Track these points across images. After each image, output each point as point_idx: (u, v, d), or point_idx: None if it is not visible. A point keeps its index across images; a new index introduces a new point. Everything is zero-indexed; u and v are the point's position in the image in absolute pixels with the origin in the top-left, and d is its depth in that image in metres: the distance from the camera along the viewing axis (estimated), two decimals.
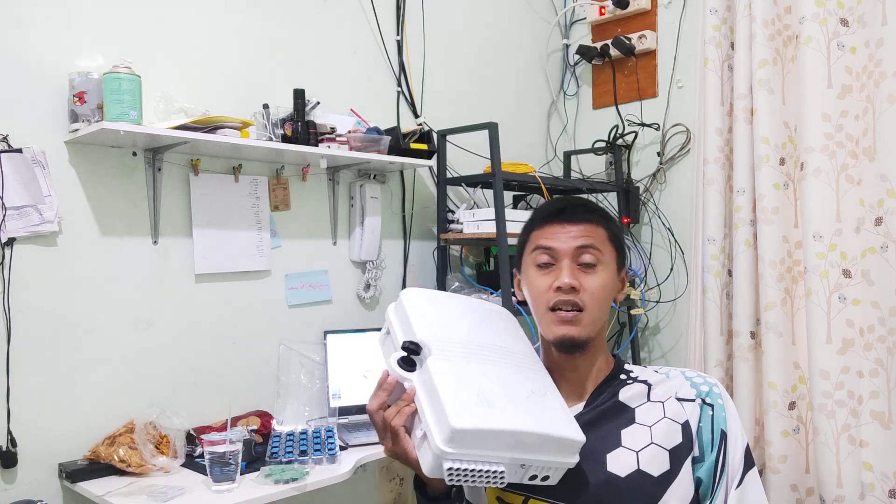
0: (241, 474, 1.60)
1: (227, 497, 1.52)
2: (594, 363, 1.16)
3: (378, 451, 1.83)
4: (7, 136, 1.62)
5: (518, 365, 1.08)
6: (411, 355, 1.01)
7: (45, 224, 1.67)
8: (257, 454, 1.76)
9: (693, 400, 1.12)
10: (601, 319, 1.14)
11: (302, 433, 1.84)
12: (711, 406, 1.11)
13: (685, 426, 1.09)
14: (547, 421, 0.98)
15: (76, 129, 1.66)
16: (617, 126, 2.80)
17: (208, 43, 1.96)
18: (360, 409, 2.06)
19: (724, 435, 1.10)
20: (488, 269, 2.60)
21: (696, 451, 1.09)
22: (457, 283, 2.40)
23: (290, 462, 1.70)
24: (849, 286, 2.05)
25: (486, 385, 0.98)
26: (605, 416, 1.12)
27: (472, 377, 0.99)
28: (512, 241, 2.25)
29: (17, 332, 1.63)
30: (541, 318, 1.14)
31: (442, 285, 2.41)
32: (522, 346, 1.15)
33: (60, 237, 1.70)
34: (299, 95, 1.98)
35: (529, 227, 1.19)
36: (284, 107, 2.00)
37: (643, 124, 2.78)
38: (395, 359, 1.02)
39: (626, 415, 1.12)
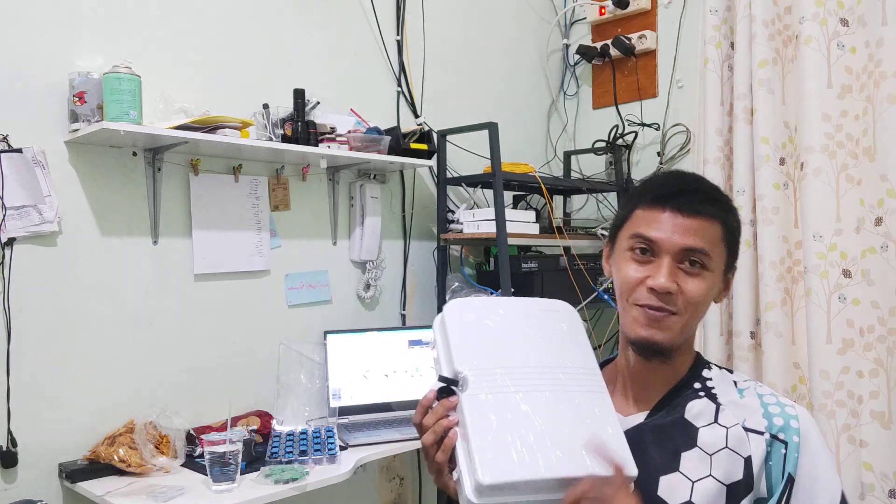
0: (241, 474, 1.60)
1: (227, 497, 1.52)
2: (672, 369, 1.03)
3: (378, 451, 1.84)
4: (7, 136, 1.62)
5: (568, 386, 0.97)
6: (450, 386, 0.96)
7: (45, 224, 1.67)
8: (257, 454, 1.76)
9: (762, 433, 0.97)
10: (694, 327, 1.01)
11: (302, 433, 1.84)
12: (785, 444, 0.96)
13: (747, 462, 0.95)
14: (587, 460, 0.90)
15: (76, 129, 1.66)
16: (617, 126, 2.79)
17: (208, 43, 1.96)
18: (361, 410, 2.07)
19: (790, 480, 0.94)
20: (488, 269, 2.59)
21: (761, 492, 0.95)
22: (457, 283, 2.40)
23: (290, 462, 1.70)
24: (849, 286, 2.05)
25: (523, 423, 0.92)
26: (666, 433, 0.99)
27: (507, 415, 0.92)
28: (512, 241, 2.25)
29: (17, 332, 1.63)
30: (625, 309, 1.01)
31: (442, 285, 2.41)
32: (581, 359, 1.01)
33: (60, 237, 1.70)
34: (299, 95, 1.98)
35: (635, 202, 1.02)
36: (284, 107, 2.00)
37: (643, 124, 2.78)
38: (435, 391, 0.97)
39: (688, 434, 0.98)
